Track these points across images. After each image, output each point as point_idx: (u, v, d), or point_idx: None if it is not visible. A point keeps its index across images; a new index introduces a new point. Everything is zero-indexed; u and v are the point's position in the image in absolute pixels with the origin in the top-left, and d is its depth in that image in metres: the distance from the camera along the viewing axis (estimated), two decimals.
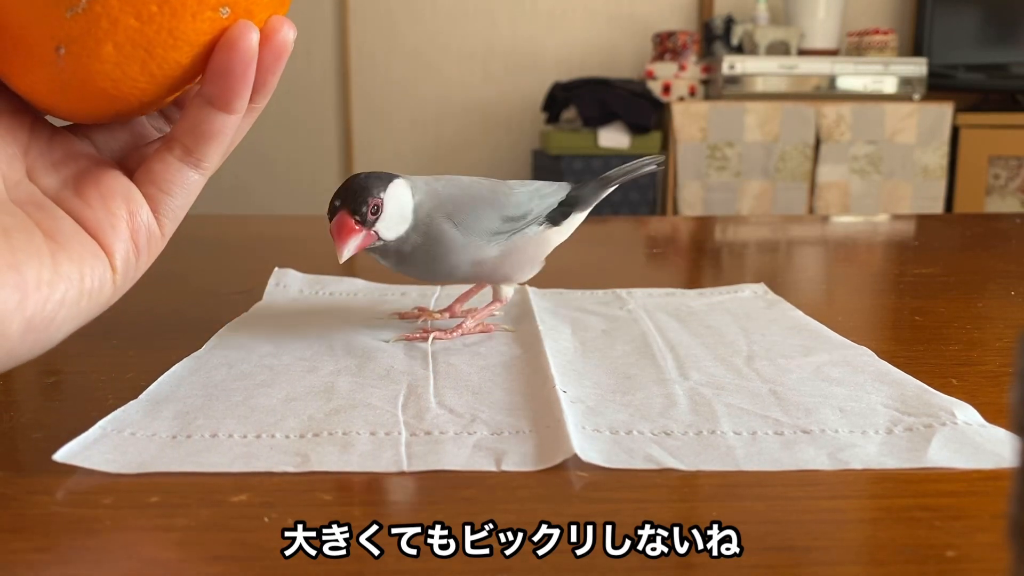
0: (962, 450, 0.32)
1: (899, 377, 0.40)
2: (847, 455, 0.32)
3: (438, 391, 0.39)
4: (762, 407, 0.37)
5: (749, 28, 2.34)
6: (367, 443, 0.32)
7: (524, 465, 0.31)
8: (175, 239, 0.35)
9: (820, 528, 0.27)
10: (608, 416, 0.36)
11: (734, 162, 2.20)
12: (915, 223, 1.07)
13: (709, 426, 0.35)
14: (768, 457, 0.32)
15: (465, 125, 2.64)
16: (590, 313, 0.53)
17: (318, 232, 0.96)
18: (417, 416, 0.35)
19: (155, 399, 0.37)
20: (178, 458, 0.31)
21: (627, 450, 0.32)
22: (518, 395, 0.38)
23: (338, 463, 0.31)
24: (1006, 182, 2.29)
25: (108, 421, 0.34)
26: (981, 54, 2.40)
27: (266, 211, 2.60)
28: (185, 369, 0.41)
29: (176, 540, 0.26)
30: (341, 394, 0.38)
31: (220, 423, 0.34)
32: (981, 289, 0.64)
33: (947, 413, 0.36)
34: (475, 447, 0.32)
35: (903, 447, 0.33)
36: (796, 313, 0.52)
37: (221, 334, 0.47)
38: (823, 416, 0.36)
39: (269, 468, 0.30)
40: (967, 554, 0.25)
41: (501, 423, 0.35)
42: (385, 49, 2.59)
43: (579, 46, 2.61)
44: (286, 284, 0.59)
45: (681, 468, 0.31)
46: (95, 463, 0.30)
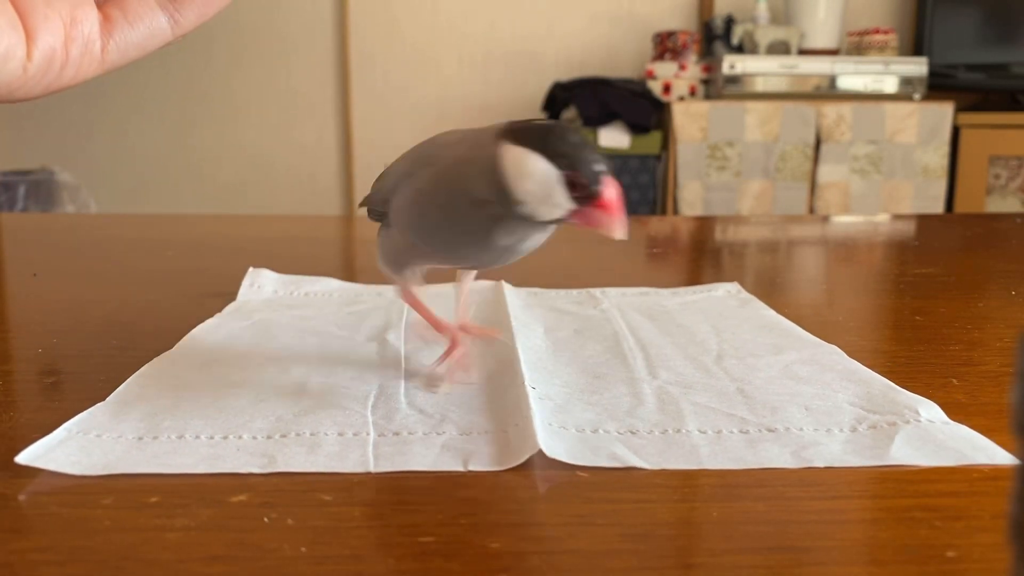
0: (924, 448, 0.33)
1: (866, 376, 0.41)
2: (810, 453, 0.32)
3: (408, 392, 0.38)
4: (728, 406, 0.37)
5: (749, 28, 2.34)
6: (334, 444, 0.33)
7: (490, 465, 0.31)
8: (175, 239, 0.35)
9: (820, 528, 0.27)
10: (575, 415, 0.36)
11: (734, 162, 2.20)
12: (915, 223, 1.07)
13: (675, 425, 0.35)
14: (732, 455, 0.32)
15: (465, 125, 2.63)
16: (563, 312, 0.53)
17: (319, 232, 0.96)
18: (386, 417, 0.35)
19: (123, 400, 0.37)
20: (143, 459, 0.31)
21: (592, 448, 0.32)
22: (488, 394, 0.38)
23: (304, 464, 0.31)
24: (1007, 182, 2.28)
25: (74, 423, 0.33)
26: (982, 54, 2.40)
27: (265, 211, 2.60)
28: (154, 370, 0.41)
29: (176, 540, 0.26)
30: (311, 395, 0.38)
31: (187, 424, 0.34)
32: (982, 289, 0.64)
33: (911, 411, 0.36)
34: (443, 447, 0.32)
35: (866, 445, 0.33)
36: (768, 312, 0.53)
37: (192, 335, 0.47)
38: (789, 414, 0.36)
39: (234, 469, 0.30)
40: (968, 554, 0.25)
41: (471, 423, 0.35)
42: (385, 49, 2.59)
43: (579, 46, 2.61)
44: (260, 284, 0.59)
45: (645, 467, 0.31)
46: (59, 465, 0.30)
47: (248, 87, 2.57)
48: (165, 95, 2.57)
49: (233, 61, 2.55)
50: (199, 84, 2.56)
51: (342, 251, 0.87)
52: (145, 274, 0.67)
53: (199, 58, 2.55)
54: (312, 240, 0.87)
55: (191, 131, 2.59)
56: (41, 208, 2.11)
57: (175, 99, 2.57)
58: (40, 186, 2.11)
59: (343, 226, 1.07)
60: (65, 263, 0.74)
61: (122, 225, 0.97)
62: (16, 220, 1.13)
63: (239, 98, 2.58)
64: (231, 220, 1.06)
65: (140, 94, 2.56)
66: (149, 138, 2.59)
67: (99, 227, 0.98)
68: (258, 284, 0.59)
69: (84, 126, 2.57)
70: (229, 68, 2.56)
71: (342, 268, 0.74)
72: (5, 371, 0.43)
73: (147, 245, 0.81)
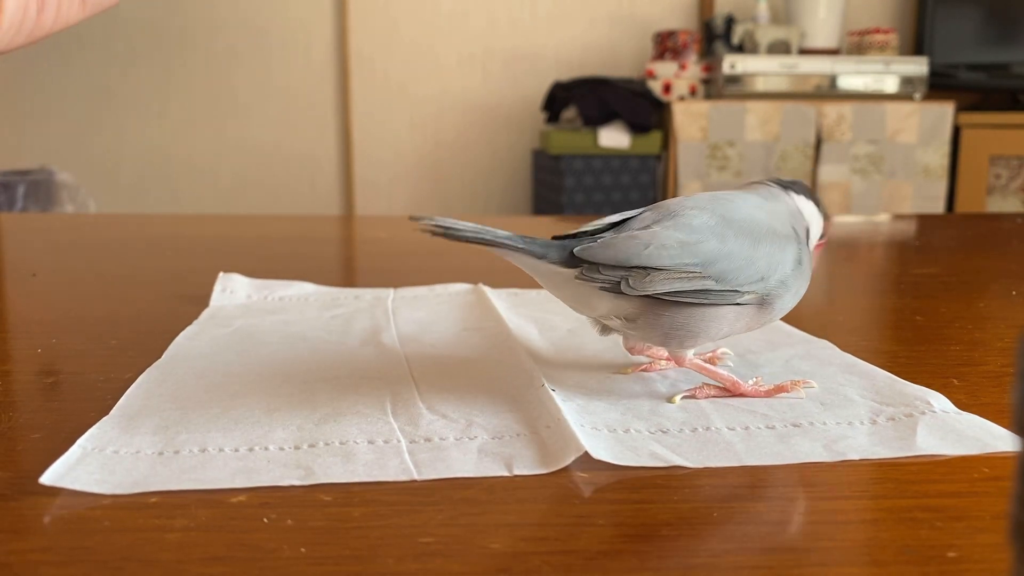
0: (947, 437, 0.33)
1: (866, 368, 0.41)
2: (842, 446, 0.32)
3: (424, 396, 0.38)
4: (747, 402, 0.37)
5: (750, 27, 2.34)
6: (367, 452, 0.32)
7: (534, 468, 0.31)
8: (174, 239, 0.35)
9: (820, 528, 0.27)
10: (602, 415, 0.36)
11: (735, 162, 2.20)
12: (916, 223, 1.07)
13: (702, 423, 0.35)
14: (768, 451, 0.32)
15: (465, 125, 2.64)
16: (553, 313, 0.52)
17: (319, 232, 0.96)
18: (411, 423, 0.35)
19: (127, 413, 0.36)
20: (173, 476, 0.30)
21: (631, 448, 0.32)
22: (506, 396, 0.38)
23: (343, 474, 0.30)
24: (1007, 182, 2.28)
25: (86, 439, 0.33)
26: (982, 53, 2.40)
27: (265, 211, 2.60)
28: (151, 380, 0.40)
29: (176, 540, 0.26)
30: (324, 402, 0.37)
31: (206, 437, 0.33)
32: (982, 289, 0.64)
33: (923, 402, 0.36)
34: (480, 452, 0.32)
35: (891, 436, 0.33)
36: None
37: (178, 343, 0.46)
38: (807, 409, 0.36)
39: (273, 482, 0.30)
40: (968, 555, 0.25)
41: (499, 427, 0.35)
42: (385, 49, 2.59)
43: (579, 46, 2.61)
44: (233, 290, 0.58)
45: (688, 465, 0.31)
46: (84, 484, 0.29)
47: (248, 87, 2.57)
48: (165, 95, 2.57)
49: (233, 61, 2.55)
50: (199, 84, 2.56)
51: (342, 251, 0.87)
52: (145, 274, 0.67)
53: (199, 58, 2.55)
54: (312, 240, 0.87)
55: (191, 131, 2.59)
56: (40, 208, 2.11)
57: (175, 99, 2.57)
58: (39, 186, 2.11)
59: (343, 226, 1.07)
60: (64, 263, 0.74)
61: (122, 225, 0.97)
62: (15, 220, 1.13)
63: (239, 98, 2.58)
64: (231, 220, 1.06)
65: (140, 94, 2.56)
66: (149, 138, 2.59)
67: (99, 227, 0.98)
68: (230, 289, 0.58)
69: (84, 126, 2.57)
70: (229, 67, 2.56)
71: (342, 268, 0.74)
72: (5, 371, 0.43)
73: (147, 245, 0.81)
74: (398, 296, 0.57)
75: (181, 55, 2.55)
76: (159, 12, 2.53)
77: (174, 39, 2.54)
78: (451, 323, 0.51)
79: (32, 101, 2.55)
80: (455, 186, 2.66)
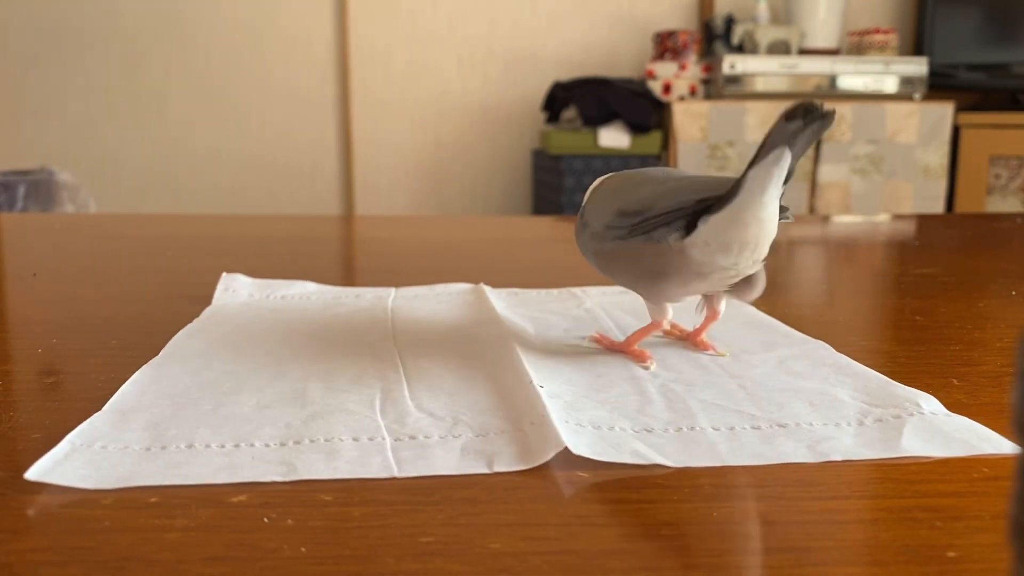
0: (933, 439, 0.33)
1: (859, 370, 0.41)
2: (825, 447, 0.32)
3: (414, 394, 0.38)
4: (734, 402, 0.37)
5: (750, 27, 2.34)
6: (352, 449, 0.32)
7: (516, 464, 0.31)
8: (174, 239, 0.35)
9: (820, 528, 0.27)
10: (588, 412, 0.36)
11: (735, 162, 2.20)
12: (916, 223, 1.07)
13: (687, 422, 0.35)
14: (750, 451, 0.32)
15: (465, 125, 2.64)
16: (550, 312, 0.53)
17: (319, 232, 0.96)
18: (398, 421, 0.35)
19: (120, 409, 0.36)
20: (157, 471, 0.30)
21: (613, 445, 0.32)
22: (496, 394, 0.38)
23: (325, 471, 0.30)
24: (1007, 182, 2.28)
25: (76, 435, 0.33)
26: (982, 53, 2.40)
27: (265, 211, 2.60)
28: (146, 377, 0.40)
29: (176, 540, 0.26)
30: (315, 400, 0.37)
31: (194, 433, 0.34)
32: (982, 289, 0.64)
33: (912, 404, 0.36)
34: (463, 450, 0.32)
35: (876, 438, 0.33)
36: (749, 309, 0.53)
37: (176, 341, 0.46)
38: (795, 410, 0.36)
39: (255, 478, 0.30)
40: (968, 554, 0.25)
41: (485, 424, 0.35)
42: (385, 49, 2.59)
43: (579, 46, 2.61)
44: (235, 289, 0.58)
45: (668, 464, 0.31)
46: (70, 479, 0.29)
47: (248, 87, 2.57)
48: (165, 95, 2.57)
49: (233, 61, 2.55)
50: (199, 84, 2.56)
51: (342, 251, 0.87)
52: (145, 274, 0.67)
53: (199, 58, 2.55)
54: (313, 240, 0.87)
55: (191, 131, 2.59)
56: (41, 208, 2.11)
57: (175, 99, 2.57)
58: (40, 186, 2.11)
59: (343, 226, 1.07)
60: (65, 263, 0.74)
61: (122, 225, 0.97)
62: (15, 220, 1.13)
63: (239, 98, 2.58)
64: (231, 220, 1.06)
65: (140, 94, 2.56)
66: (149, 138, 2.59)
67: (99, 227, 0.98)
68: (233, 288, 0.58)
69: (84, 126, 2.57)
70: (229, 68, 2.56)
71: (342, 268, 0.74)
72: (5, 371, 0.43)
73: (147, 245, 0.81)
74: (399, 295, 0.57)
75: (181, 55, 2.55)
76: (159, 12, 2.53)
77: (174, 39, 2.54)
78: (449, 323, 0.51)
79: (32, 101, 2.55)
80: (455, 186, 2.66)
